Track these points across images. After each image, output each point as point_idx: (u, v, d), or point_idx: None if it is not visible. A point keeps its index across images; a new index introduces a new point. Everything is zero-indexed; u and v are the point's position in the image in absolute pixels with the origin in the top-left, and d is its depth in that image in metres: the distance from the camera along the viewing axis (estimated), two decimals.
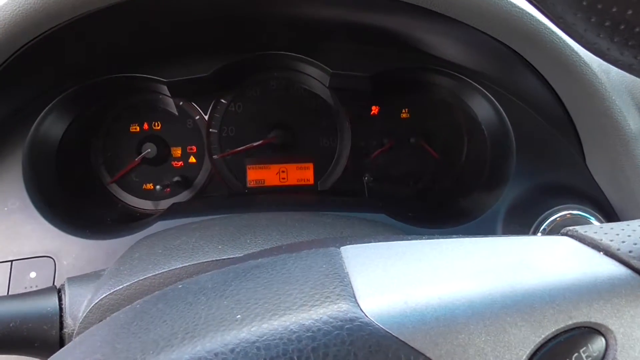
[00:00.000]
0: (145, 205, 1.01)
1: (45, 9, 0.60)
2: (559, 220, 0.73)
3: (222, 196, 1.02)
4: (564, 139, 0.80)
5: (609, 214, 0.76)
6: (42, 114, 0.82)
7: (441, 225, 0.81)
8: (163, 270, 0.55)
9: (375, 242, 0.38)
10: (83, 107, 0.90)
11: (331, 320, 0.28)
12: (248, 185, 1.02)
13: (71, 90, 0.85)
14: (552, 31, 0.66)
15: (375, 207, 0.83)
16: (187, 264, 0.55)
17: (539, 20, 0.66)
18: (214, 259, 0.56)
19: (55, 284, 0.72)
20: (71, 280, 0.63)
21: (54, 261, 0.74)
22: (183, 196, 1.01)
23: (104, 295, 0.54)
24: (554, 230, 0.73)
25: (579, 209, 0.74)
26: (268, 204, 0.90)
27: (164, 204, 1.00)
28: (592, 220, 0.74)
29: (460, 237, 0.38)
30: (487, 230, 0.79)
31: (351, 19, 0.78)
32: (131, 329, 0.33)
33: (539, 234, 0.73)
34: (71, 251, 0.75)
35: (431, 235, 0.41)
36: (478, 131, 0.93)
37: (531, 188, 0.80)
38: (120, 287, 0.54)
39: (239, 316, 0.30)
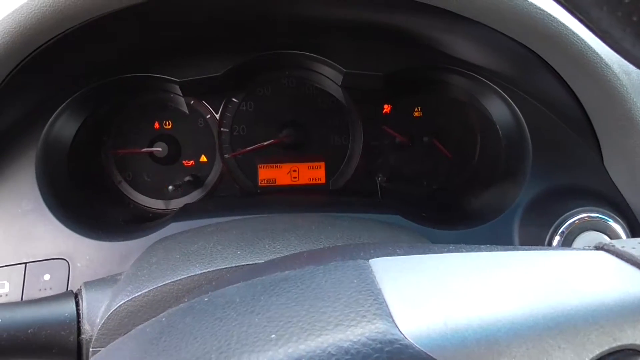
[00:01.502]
0: (157, 204, 1.00)
1: (61, 11, 0.59)
2: (577, 222, 0.72)
3: (234, 196, 1.01)
4: (582, 140, 0.79)
5: (628, 217, 0.75)
6: (54, 115, 0.81)
7: (457, 227, 0.80)
8: (182, 277, 0.54)
9: (403, 254, 0.38)
10: (94, 107, 0.89)
11: (370, 342, 0.27)
12: (259, 184, 1.01)
13: (83, 90, 0.84)
14: (573, 32, 0.65)
15: (389, 208, 0.82)
16: (206, 270, 0.55)
17: (559, 21, 0.65)
18: (233, 265, 0.55)
19: (69, 286, 0.72)
20: (88, 284, 0.62)
21: (68, 263, 0.73)
22: (194, 196, 1.00)
23: (123, 301, 0.54)
24: (573, 232, 0.72)
25: (597, 212, 0.73)
26: (280, 204, 0.90)
27: (175, 203, 1.00)
28: (610, 222, 0.73)
29: (491, 248, 0.37)
30: (504, 232, 0.78)
31: (367, 18, 0.77)
32: (160, 346, 0.33)
33: (558, 236, 0.72)
34: (85, 253, 0.74)
35: (458, 245, 0.40)
36: (492, 131, 0.92)
37: (548, 189, 0.79)
38: (139, 293, 0.54)
39: (273, 335, 0.29)
